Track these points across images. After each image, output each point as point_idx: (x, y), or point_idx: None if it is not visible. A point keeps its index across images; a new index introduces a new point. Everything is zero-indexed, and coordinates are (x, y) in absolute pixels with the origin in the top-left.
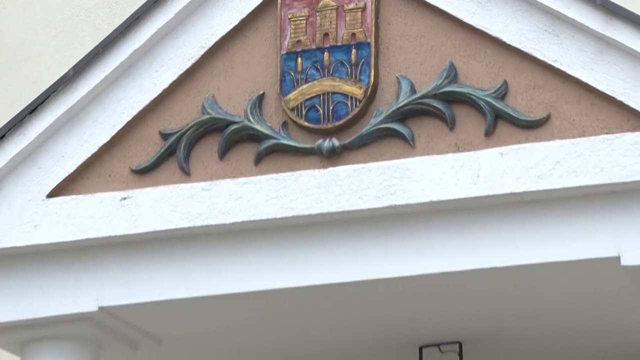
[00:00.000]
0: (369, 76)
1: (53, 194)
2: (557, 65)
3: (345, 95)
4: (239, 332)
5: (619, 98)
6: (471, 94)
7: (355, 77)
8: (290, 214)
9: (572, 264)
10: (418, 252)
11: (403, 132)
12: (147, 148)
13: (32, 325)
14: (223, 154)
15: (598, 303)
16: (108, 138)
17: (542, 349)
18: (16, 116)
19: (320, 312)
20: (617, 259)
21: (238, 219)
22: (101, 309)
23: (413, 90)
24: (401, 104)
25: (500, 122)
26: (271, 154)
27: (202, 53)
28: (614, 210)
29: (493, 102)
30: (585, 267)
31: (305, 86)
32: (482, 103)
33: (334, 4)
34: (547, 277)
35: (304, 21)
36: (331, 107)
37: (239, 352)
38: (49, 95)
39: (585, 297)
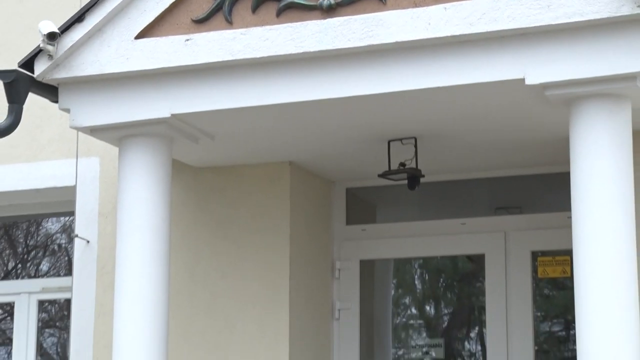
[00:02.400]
0: None
1: (139, 36)
2: None
3: None
4: (265, 132)
5: None
6: None
7: None
8: (301, 51)
9: (492, 84)
10: (387, 77)
11: None
12: (203, 5)
13: (125, 126)
14: (255, 9)
15: (509, 111)
16: None
17: (469, 143)
18: None
19: (319, 118)
20: (523, 80)
21: (265, 54)
22: (173, 115)
23: None
24: None
25: None
26: (288, 9)
27: None
28: (521, 46)
29: None
30: (500, 86)
31: None
32: None
33: None
34: (475, 93)
35: None
36: None
37: (264, 145)
38: None
39: (501, 107)
